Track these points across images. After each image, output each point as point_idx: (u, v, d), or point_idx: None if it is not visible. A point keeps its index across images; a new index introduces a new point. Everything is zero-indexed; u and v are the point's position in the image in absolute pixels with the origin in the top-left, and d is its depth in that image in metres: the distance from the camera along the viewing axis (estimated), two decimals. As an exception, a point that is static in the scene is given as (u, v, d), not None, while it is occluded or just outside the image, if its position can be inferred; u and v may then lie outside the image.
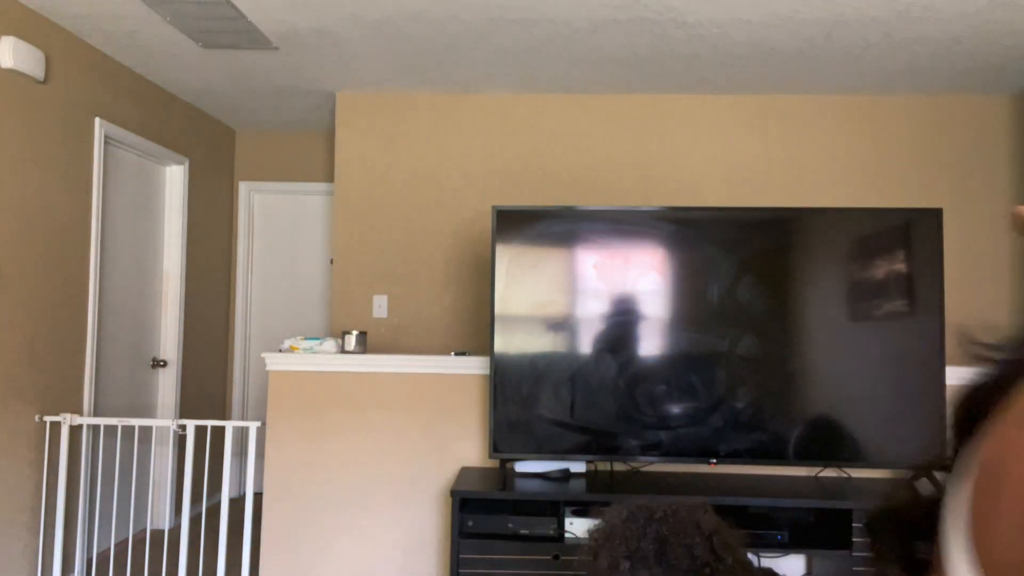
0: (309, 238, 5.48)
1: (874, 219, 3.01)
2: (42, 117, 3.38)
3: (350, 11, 3.26)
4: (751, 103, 4.34)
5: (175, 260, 4.60)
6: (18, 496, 3.23)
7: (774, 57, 3.73)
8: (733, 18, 3.28)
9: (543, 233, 3.06)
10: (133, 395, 4.27)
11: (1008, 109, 4.28)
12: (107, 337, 3.99)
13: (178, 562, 3.52)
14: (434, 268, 4.40)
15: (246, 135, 5.45)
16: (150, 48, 3.77)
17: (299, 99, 4.59)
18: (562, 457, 3.02)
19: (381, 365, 3.31)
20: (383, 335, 4.37)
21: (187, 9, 3.23)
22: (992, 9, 3.15)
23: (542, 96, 4.41)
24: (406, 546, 3.27)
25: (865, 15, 3.22)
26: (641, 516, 1.15)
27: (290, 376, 3.31)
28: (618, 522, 1.18)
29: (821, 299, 2.99)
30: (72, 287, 3.60)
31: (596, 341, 3.02)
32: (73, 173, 3.61)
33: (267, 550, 3.27)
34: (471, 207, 4.40)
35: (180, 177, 4.65)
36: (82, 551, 3.65)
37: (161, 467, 4.47)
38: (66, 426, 3.28)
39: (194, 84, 4.36)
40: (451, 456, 3.28)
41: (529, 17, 3.31)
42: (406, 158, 4.44)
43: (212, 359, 5.12)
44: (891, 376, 2.95)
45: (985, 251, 4.24)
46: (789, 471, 3.23)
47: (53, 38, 3.44)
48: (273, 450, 3.30)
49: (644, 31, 3.43)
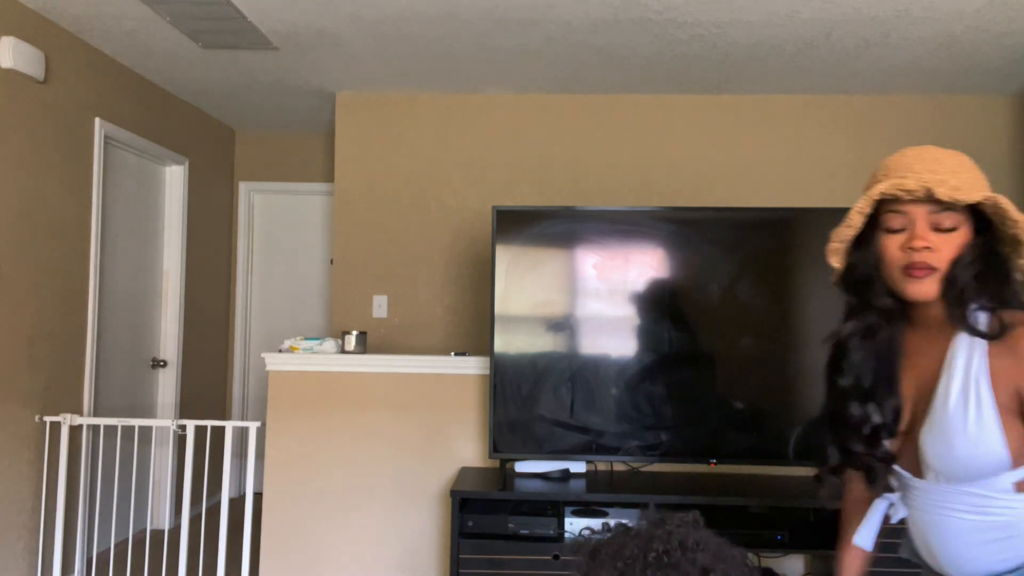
0: (309, 238, 5.48)
1: (874, 219, 3.00)
2: (42, 117, 3.38)
3: (350, 11, 3.26)
4: (751, 103, 4.34)
5: (175, 260, 4.60)
6: (18, 496, 3.23)
7: (774, 57, 3.73)
8: (733, 18, 3.28)
9: (543, 233, 3.06)
10: (133, 395, 4.27)
11: (1008, 109, 4.28)
12: (107, 337, 4.00)
13: (178, 562, 3.52)
14: (434, 268, 4.40)
15: (246, 135, 5.45)
16: (150, 48, 3.77)
17: (299, 99, 4.59)
18: (562, 457, 3.02)
19: (381, 365, 3.31)
20: (383, 335, 4.37)
21: (187, 9, 3.23)
22: (992, 9, 3.15)
23: (542, 96, 4.41)
24: (406, 546, 3.27)
25: (865, 15, 3.22)
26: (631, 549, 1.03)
27: (290, 376, 3.31)
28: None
29: (821, 299, 2.99)
30: (72, 287, 3.60)
31: (596, 341, 3.02)
32: (73, 173, 3.61)
33: (267, 550, 3.27)
34: (471, 207, 4.40)
35: (180, 177, 4.65)
36: (82, 551, 3.65)
37: (161, 467, 4.47)
38: (66, 426, 3.28)
39: (194, 84, 4.36)
40: (451, 456, 3.28)
41: (529, 17, 3.31)
42: (406, 158, 4.44)
43: (212, 359, 5.12)
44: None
45: (985, 251, 4.24)
46: (789, 471, 3.23)
47: (53, 38, 3.44)
48: (273, 450, 3.30)
49: (644, 31, 3.43)
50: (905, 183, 1.16)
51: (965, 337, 1.20)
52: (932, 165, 1.19)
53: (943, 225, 1.19)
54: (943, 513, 1.25)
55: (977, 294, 1.18)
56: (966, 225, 1.19)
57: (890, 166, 1.24)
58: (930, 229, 1.19)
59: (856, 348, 1.30)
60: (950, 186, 1.15)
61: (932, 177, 1.16)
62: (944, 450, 1.20)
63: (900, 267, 1.21)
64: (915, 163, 1.20)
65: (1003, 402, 1.16)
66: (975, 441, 1.17)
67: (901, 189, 1.17)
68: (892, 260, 1.22)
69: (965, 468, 1.20)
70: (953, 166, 1.19)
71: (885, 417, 1.28)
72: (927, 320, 1.27)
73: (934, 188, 1.14)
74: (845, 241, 1.28)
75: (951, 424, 1.19)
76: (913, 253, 1.19)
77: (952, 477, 1.22)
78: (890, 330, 1.29)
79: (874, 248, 1.24)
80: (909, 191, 1.17)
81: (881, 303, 1.26)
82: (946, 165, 1.19)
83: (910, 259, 1.19)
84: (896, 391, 1.29)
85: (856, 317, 1.30)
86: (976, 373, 1.18)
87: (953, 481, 1.22)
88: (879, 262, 1.24)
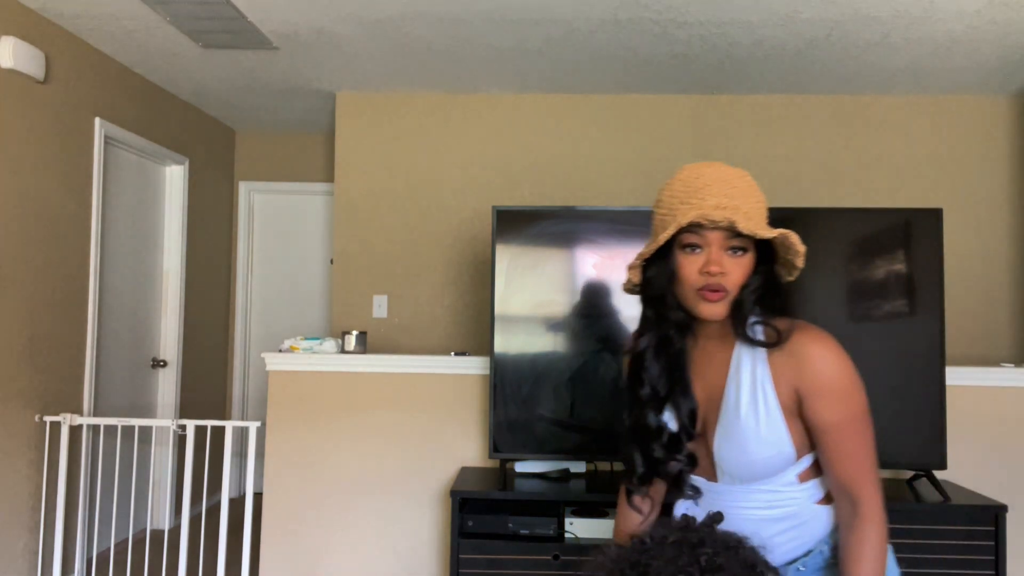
0: (309, 238, 5.48)
1: (874, 219, 3.01)
2: (42, 117, 3.38)
3: (350, 11, 3.27)
4: (751, 103, 4.34)
5: (175, 260, 4.60)
6: (18, 496, 3.23)
7: (774, 57, 3.73)
8: (733, 18, 3.28)
9: (543, 233, 3.06)
10: (133, 395, 4.27)
11: (1008, 109, 4.28)
12: (107, 337, 4.00)
13: (178, 562, 3.52)
14: (434, 268, 4.40)
15: (246, 135, 5.45)
16: (150, 48, 3.77)
17: (299, 99, 4.59)
18: (562, 457, 3.02)
19: (381, 365, 3.31)
20: (383, 335, 4.37)
21: (187, 9, 3.23)
22: (992, 9, 3.15)
23: (542, 96, 4.41)
24: (406, 546, 3.27)
25: (865, 15, 3.22)
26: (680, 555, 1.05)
27: (290, 376, 3.31)
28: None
29: (821, 299, 2.99)
30: (72, 287, 3.61)
31: (596, 341, 3.02)
32: (73, 173, 3.61)
33: (267, 550, 3.27)
34: (471, 207, 4.40)
35: (180, 177, 4.65)
36: (82, 551, 3.65)
37: (161, 467, 4.47)
38: (66, 426, 3.28)
39: (194, 84, 4.36)
40: (451, 456, 3.28)
41: (529, 17, 3.31)
42: (406, 158, 4.44)
43: (212, 359, 5.12)
44: (891, 376, 2.95)
45: (985, 251, 4.24)
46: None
47: (53, 38, 3.44)
48: (273, 450, 3.30)
49: (644, 31, 3.43)
50: (713, 216, 1.23)
51: (746, 347, 1.32)
52: (728, 190, 1.27)
53: (735, 247, 1.28)
54: (738, 512, 1.34)
55: (755, 310, 1.31)
56: (752, 247, 1.30)
57: (688, 185, 1.30)
58: (724, 252, 1.28)
59: (652, 360, 1.38)
60: (747, 217, 1.25)
61: (729, 203, 1.25)
62: (738, 454, 1.31)
63: (695, 288, 1.29)
64: (713, 185, 1.27)
65: (785, 403, 1.29)
66: (766, 443, 1.29)
67: (708, 219, 1.25)
68: (688, 280, 1.29)
69: (758, 468, 1.31)
70: (744, 189, 1.28)
71: (683, 420, 1.37)
72: (710, 333, 1.37)
73: (737, 223, 1.22)
74: (644, 257, 1.35)
75: (744, 429, 1.29)
76: (709, 277, 1.27)
77: (745, 478, 1.33)
78: (681, 342, 1.37)
79: (670, 265, 1.31)
80: (714, 222, 1.25)
81: (675, 316, 1.34)
82: (739, 189, 1.28)
83: (706, 282, 1.27)
84: (690, 395, 1.38)
85: (652, 330, 1.38)
86: (761, 380, 1.29)
87: (746, 481, 1.33)
88: (673, 278, 1.31)
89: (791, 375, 1.28)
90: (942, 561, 2.75)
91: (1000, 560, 2.72)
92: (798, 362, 1.27)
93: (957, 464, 3.15)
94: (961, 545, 2.75)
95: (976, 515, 2.75)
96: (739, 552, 1.05)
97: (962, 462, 3.16)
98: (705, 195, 1.26)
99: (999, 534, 2.73)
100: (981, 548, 2.74)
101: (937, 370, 2.94)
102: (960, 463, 3.16)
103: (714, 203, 1.25)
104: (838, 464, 1.27)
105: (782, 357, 1.29)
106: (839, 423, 1.26)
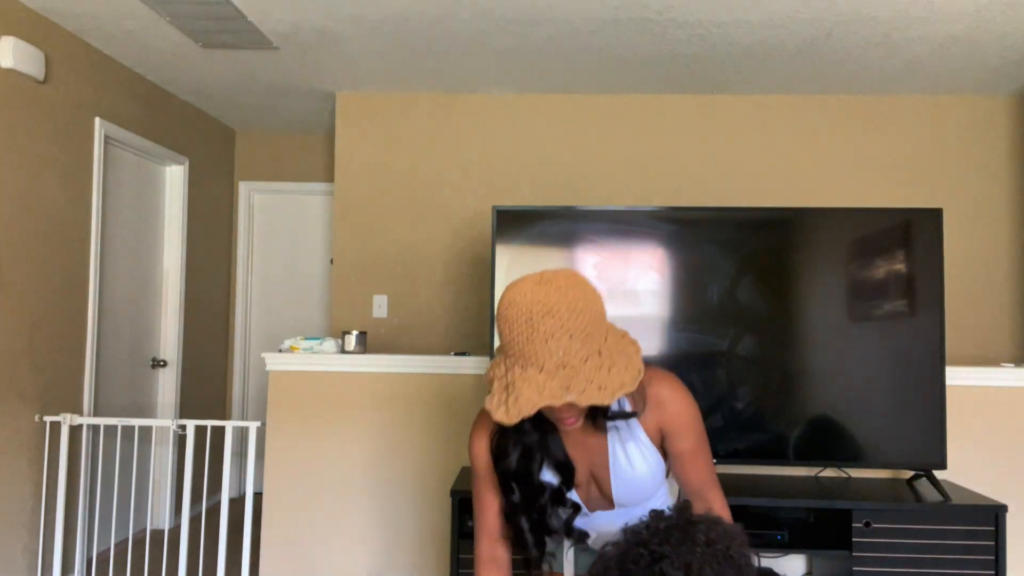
0: (309, 238, 5.48)
1: (874, 219, 3.01)
2: (42, 117, 3.38)
3: (350, 11, 3.27)
4: (751, 103, 4.34)
5: (175, 260, 4.60)
6: (18, 496, 3.23)
7: (774, 57, 3.73)
8: (733, 18, 3.28)
9: (543, 233, 3.06)
10: (133, 395, 4.27)
11: (1008, 109, 4.28)
12: (107, 337, 4.00)
13: (178, 562, 3.52)
14: (434, 268, 4.40)
15: (246, 135, 5.45)
16: (150, 48, 3.77)
17: (299, 99, 4.59)
18: (562, 457, 3.02)
19: (381, 365, 3.31)
20: (383, 335, 4.38)
21: (187, 9, 3.23)
22: (992, 9, 3.15)
23: (542, 96, 4.42)
24: (406, 546, 3.27)
25: (865, 15, 3.22)
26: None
27: (290, 376, 3.31)
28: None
29: (821, 299, 2.99)
30: (72, 287, 3.61)
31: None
32: (73, 173, 3.61)
33: (267, 550, 3.28)
34: (471, 207, 4.40)
35: (180, 177, 4.65)
36: (82, 551, 3.65)
37: (161, 467, 4.47)
38: (66, 426, 3.28)
39: (194, 84, 4.36)
40: (451, 456, 3.28)
41: (529, 17, 3.31)
42: (406, 158, 4.44)
43: (212, 359, 5.13)
44: (891, 376, 2.95)
45: (985, 251, 4.24)
46: (789, 471, 3.23)
47: (53, 38, 3.44)
48: (273, 450, 3.30)
49: (644, 31, 3.43)
50: (553, 403, 1.27)
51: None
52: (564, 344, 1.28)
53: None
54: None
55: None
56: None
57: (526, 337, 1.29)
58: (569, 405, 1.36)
59: (523, 462, 1.52)
60: (584, 383, 1.28)
61: (565, 379, 1.28)
62: (636, 493, 1.55)
63: (554, 418, 1.42)
64: (551, 340, 1.27)
65: (655, 440, 1.54)
66: (656, 476, 1.56)
67: (548, 407, 1.34)
68: (546, 413, 1.42)
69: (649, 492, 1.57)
70: (578, 332, 1.29)
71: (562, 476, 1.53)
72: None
73: (578, 403, 1.28)
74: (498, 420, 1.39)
75: (640, 477, 1.53)
76: (562, 419, 1.41)
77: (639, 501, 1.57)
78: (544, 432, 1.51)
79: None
80: (554, 407, 1.32)
81: (534, 432, 1.50)
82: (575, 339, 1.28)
83: (560, 417, 1.40)
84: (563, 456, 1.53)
85: (514, 446, 1.51)
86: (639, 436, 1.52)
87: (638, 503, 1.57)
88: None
89: (654, 418, 1.51)
90: (942, 561, 2.75)
91: (1000, 560, 2.72)
92: (657, 405, 1.51)
93: (957, 464, 3.16)
94: (961, 545, 2.75)
95: (976, 515, 2.75)
96: (721, 524, 1.17)
97: (962, 462, 3.16)
98: (542, 356, 1.28)
99: (999, 534, 2.73)
100: (981, 548, 2.74)
101: (937, 370, 2.94)
102: (960, 463, 3.16)
103: (552, 382, 1.27)
104: (693, 476, 1.55)
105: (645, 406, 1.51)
106: (693, 448, 1.54)
